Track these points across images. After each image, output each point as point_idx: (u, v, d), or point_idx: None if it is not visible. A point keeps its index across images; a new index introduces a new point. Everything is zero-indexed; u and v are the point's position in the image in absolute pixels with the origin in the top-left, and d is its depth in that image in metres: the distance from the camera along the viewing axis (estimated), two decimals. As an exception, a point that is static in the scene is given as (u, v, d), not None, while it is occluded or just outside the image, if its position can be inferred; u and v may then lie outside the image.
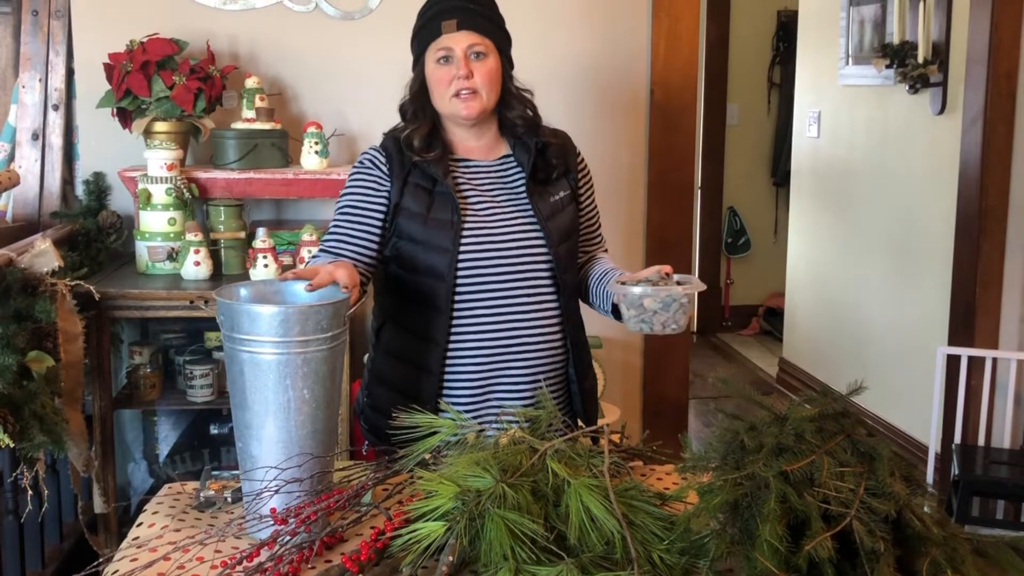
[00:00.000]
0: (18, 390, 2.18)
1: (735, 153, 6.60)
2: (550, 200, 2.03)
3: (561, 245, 2.02)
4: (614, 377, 3.46)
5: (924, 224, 4.20)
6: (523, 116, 2.04)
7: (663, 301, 1.82)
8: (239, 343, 1.54)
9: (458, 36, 1.95)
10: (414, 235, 1.96)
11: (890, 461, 1.31)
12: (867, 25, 4.60)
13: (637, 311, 1.84)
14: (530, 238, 1.99)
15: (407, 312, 2.01)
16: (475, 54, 1.95)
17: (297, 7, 3.20)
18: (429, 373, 1.97)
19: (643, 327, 1.85)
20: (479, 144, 2.06)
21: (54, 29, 3.15)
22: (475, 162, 2.05)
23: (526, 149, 2.04)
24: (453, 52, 1.95)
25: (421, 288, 1.97)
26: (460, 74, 1.94)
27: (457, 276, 1.94)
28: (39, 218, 3.13)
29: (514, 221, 2.00)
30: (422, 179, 1.98)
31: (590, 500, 1.31)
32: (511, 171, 2.06)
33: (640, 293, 1.82)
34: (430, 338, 1.96)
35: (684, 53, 3.38)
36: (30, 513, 2.58)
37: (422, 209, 1.96)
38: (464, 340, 1.96)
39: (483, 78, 1.96)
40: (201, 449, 3.15)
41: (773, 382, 5.62)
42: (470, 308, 1.96)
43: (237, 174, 2.94)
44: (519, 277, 1.98)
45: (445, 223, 1.95)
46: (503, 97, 2.02)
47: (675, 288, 1.82)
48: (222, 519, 1.62)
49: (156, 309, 2.74)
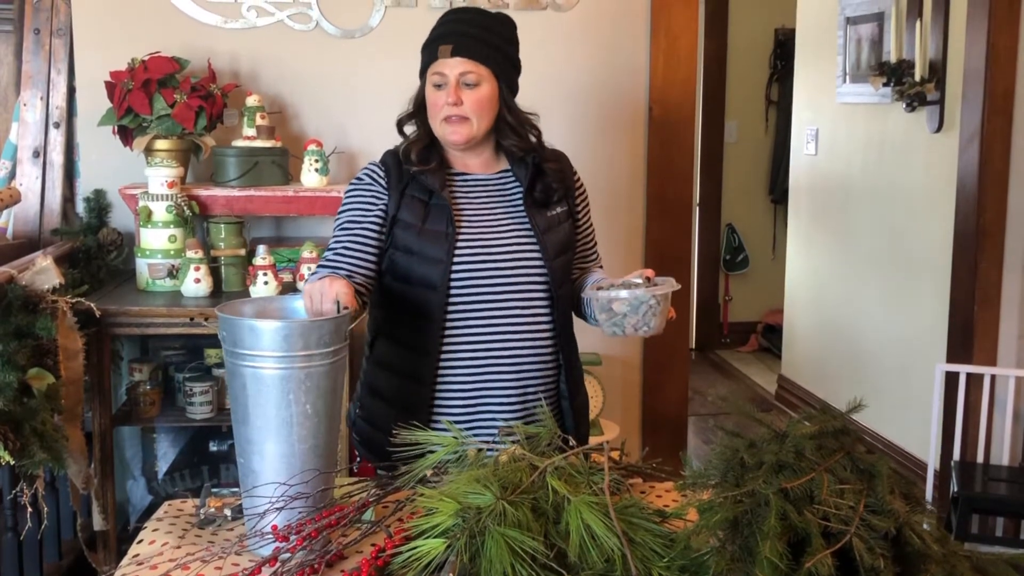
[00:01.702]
0: (19, 407, 2.18)
1: (733, 170, 6.62)
2: (547, 214, 2.05)
3: (557, 259, 2.03)
4: (613, 394, 3.46)
5: (922, 241, 4.21)
6: (518, 144, 2.05)
7: (631, 304, 1.81)
8: (241, 359, 1.54)
9: (452, 62, 1.97)
10: (409, 246, 1.97)
11: (889, 478, 1.31)
12: (864, 43, 4.63)
13: (608, 315, 1.84)
14: (526, 250, 2.00)
15: (400, 324, 2.02)
16: (466, 83, 1.97)
17: (298, 26, 3.21)
18: (421, 384, 1.98)
19: (616, 331, 1.85)
20: (477, 160, 2.08)
21: (56, 47, 3.17)
22: (473, 175, 2.07)
23: (524, 165, 2.06)
24: (446, 78, 1.97)
25: (414, 299, 1.98)
26: (449, 101, 1.96)
27: (450, 287, 1.95)
28: (40, 235, 3.14)
29: (510, 233, 2.01)
30: (419, 191, 2.00)
31: (590, 517, 1.31)
32: (510, 185, 2.08)
33: (610, 296, 1.82)
34: (422, 348, 1.97)
35: (682, 71, 3.40)
36: (29, 530, 2.58)
37: (417, 220, 1.97)
38: (456, 350, 1.97)
39: (472, 106, 1.97)
40: (200, 466, 3.15)
41: (772, 399, 5.62)
42: (462, 319, 1.97)
43: (238, 191, 2.96)
44: (513, 289, 1.99)
45: (439, 234, 1.96)
46: (497, 124, 2.03)
47: (640, 291, 1.81)
48: (223, 536, 1.62)
49: (156, 326, 2.74)
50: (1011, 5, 3.54)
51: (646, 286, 1.85)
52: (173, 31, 3.14)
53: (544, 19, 3.29)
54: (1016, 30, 3.56)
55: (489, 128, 2.02)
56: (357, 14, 3.23)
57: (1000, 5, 3.54)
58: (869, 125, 4.63)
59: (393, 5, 3.22)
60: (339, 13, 3.22)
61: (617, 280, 1.93)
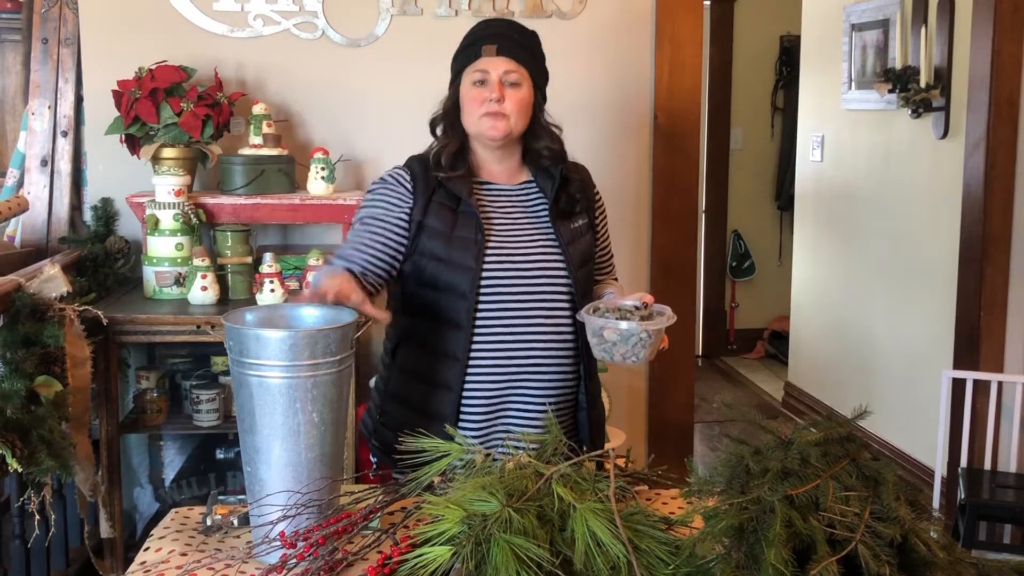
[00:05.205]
0: (26, 415, 2.19)
1: (739, 177, 6.62)
2: (571, 226, 2.07)
3: (580, 270, 2.05)
4: (619, 401, 3.46)
5: (928, 248, 4.20)
6: (549, 148, 2.08)
7: (622, 334, 1.82)
8: (248, 367, 1.55)
9: (496, 61, 2.00)
10: (437, 253, 1.98)
11: (895, 485, 1.31)
12: (869, 50, 4.63)
13: (598, 339, 1.85)
14: (551, 261, 2.02)
15: (426, 330, 2.02)
16: (510, 81, 2.00)
17: (304, 34, 3.23)
18: (449, 390, 1.98)
19: (604, 356, 1.87)
20: (501, 168, 2.09)
21: (63, 57, 3.18)
22: (496, 185, 2.08)
23: (549, 176, 2.08)
24: (489, 75, 2.00)
25: (442, 306, 1.98)
26: (492, 96, 1.99)
27: (479, 294, 1.96)
28: (47, 244, 3.15)
29: (536, 243, 2.03)
30: (446, 198, 2.01)
31: (596, 524, 1.31)
32: (532, 196, 2.09)
33: (602, 324, 1.83)
34: (450, 355, 1.98)
35: (687, 78, 3.40)
36: (37, 537, 2.59)
37: (446, 227, 1.98)
38: (483, 357, 1.98)
39: (514, 105, 2.00)
40: (207, 473, 3.15)
41: (778, 406, 5.61)
42: (490, 326, 1.97)
43: (244, 200, 2.97)
44: (538, 298, 2.00)
45: (469, 241, 1.97)
46: (531, 127, 2.07)
47: (634, 323, 1.82)
48: (229, 544, 1.62)
49: (163, 334, 2.75)
50: (1016, 12, 3.54)
51: (641, 312, 1.85)
52: (180, 40, 3.15)
53: (549, 27, 3.29)
54: (1021, 37, 3.56)
55: (523, 131, 2.05)
56: (363, 23, 3.24)
57: (1005, 12, 3.54)
58: (874, 132, 4.63)
59: (399, 14, 3.23)
60: (345, 22, 3.24)
61: (613, 302, 1.93)
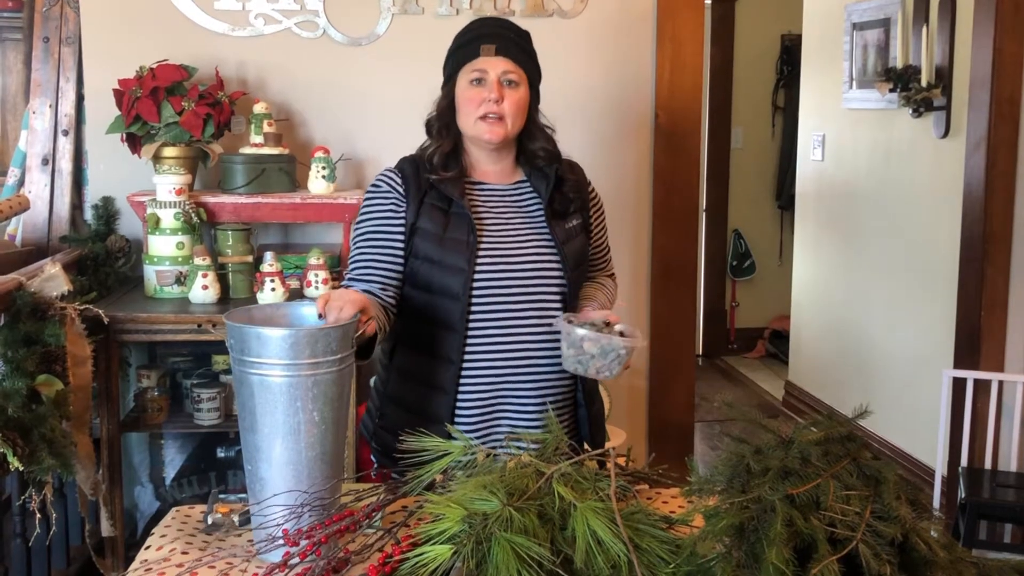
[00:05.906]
0: (27, 413, 2.19)
1: (739, 176, 6.62)
2: (566, 226, 2.06)
3: (575, 270, 2.05)
4: (619, 400, 3.46)
5: (929, 247, 4.20)
6: (545, 148, 2.07)
7: (603, 348, 1.84)
8: (249, 366, 1.55)
9: (495, 61, 1.99)
10: (430, 255, 1.98)
11: (896, 484, 1.31)
12: (870, 49, 4.63)
13: (576, 351, 1.86)
14: (546, 261, 2.01)
15: (421, 333, 2.02)
16: (508, 81, 1.99)
17: (305, 33, 3.23)
18: (443, 392, 1.98)
19: (578, 368, 1.88)
20: (495, 168, 2.09)
21: (64, 56, 3.18)
22: (490, 185, 2.07)
23: (543, 177, 2.07)
24: (487, 75, 1.99)
25: (435, 308, 1.98)
26: (491, 97, 1.97)
27: (472, 296, 1.96)
28: (48, 242, 3.16)
29: (530, 243, 2.02)
30: (438, 199, 2.00)
31: (596, 523, 1.31)
32: (526, 196, 2.08)
33: (582, 335, 1.84)
34: (444, 357, 1.98)
35: (688, 78, 3.40)
36: (38, 536, 2.59)
37: (438, 229, 1.98)
38: (476, 359, 1.98)
39: (512, 106, 1.99)
40: (208, 472, 3.15)
41: (779, 405, 5.61)
42: (483, 328, 1.97)
43: (245, 199, 2.97)
44: (532, 299, 1.99)
45: (461, 243, 1.96)
46: (527, 128, 2.06)
47: (616, 339, 1.84)
48: (230, 542, 1.62)
49: (164, 333, 2.75)
50: (1017, 11, 3.54)
51: (610, 331, 1.87)
52: (181, 39, 3.15)
53: (550, 26, 3.30)
54: (1022, 36, 3.56)
55: (518, 132, 2.04)
56: (364, 22, 3.24)
57: (1006, 11, 3.54)
58: (876, 131, 4.63)
59: (400, 13, 3.23)
60: (346, 21, 3.23)
61: (586, 315, 1.94)
